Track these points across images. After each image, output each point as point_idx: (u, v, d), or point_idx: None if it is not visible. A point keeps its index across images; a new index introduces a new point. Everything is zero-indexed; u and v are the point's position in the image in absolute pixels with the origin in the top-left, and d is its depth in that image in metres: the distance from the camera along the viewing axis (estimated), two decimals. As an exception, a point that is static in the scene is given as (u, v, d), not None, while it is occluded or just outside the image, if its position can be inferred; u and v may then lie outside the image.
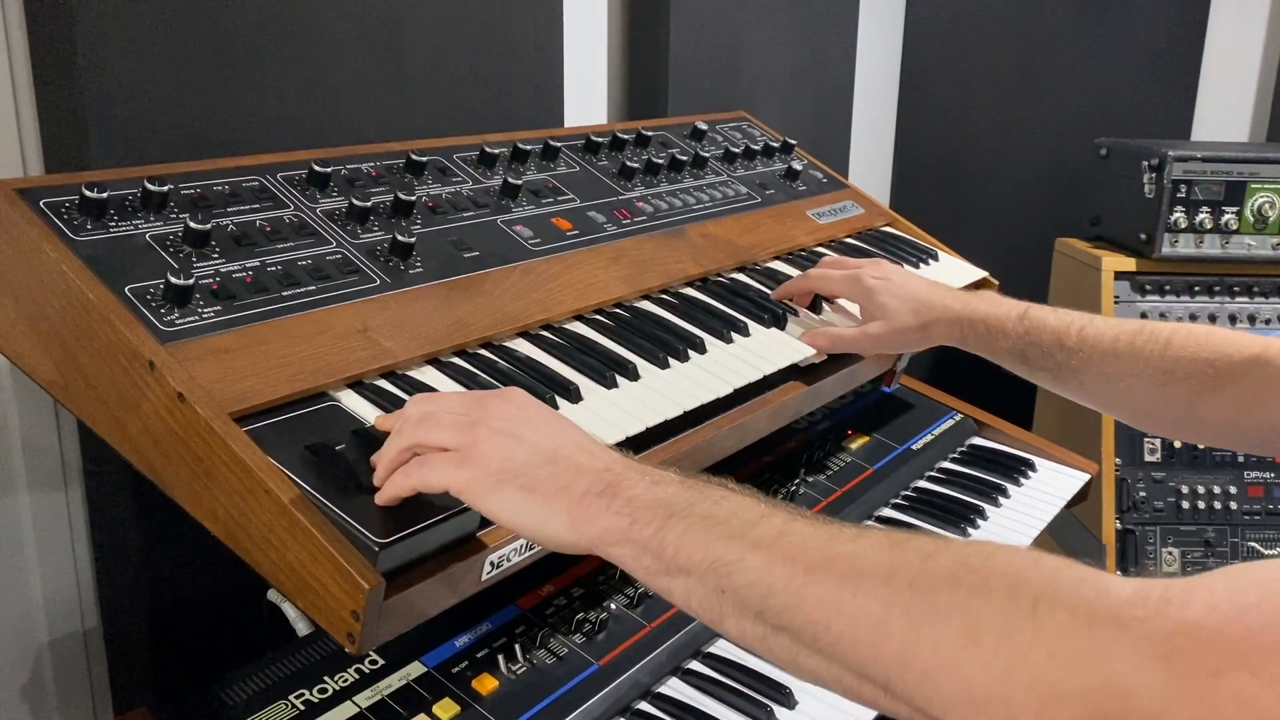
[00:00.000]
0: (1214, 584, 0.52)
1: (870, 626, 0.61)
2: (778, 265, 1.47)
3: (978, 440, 1.68)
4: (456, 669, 1.00)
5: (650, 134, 1.53)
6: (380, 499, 0.79)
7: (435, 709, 0.96)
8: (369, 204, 1.08)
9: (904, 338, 1.27)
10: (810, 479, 1.43)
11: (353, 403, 0.91)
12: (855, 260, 1.37)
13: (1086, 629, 0.53)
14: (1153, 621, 0.51)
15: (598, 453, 0.78)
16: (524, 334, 1.10)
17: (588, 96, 1.86)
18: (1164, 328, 1.10)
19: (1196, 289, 2.21)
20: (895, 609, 0.60)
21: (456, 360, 1.02)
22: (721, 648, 1.11)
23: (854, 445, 1.54)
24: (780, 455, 1.47)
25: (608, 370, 1.06)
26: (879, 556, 0.63)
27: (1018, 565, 0.58)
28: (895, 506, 1.46)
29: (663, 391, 1.07)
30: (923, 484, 1.53)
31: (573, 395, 1.01)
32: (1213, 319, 2.21)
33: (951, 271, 1.64)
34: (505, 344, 1.07)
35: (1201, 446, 2.17)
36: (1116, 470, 2.16)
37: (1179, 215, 2.14)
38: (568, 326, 1.15)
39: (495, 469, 0.76)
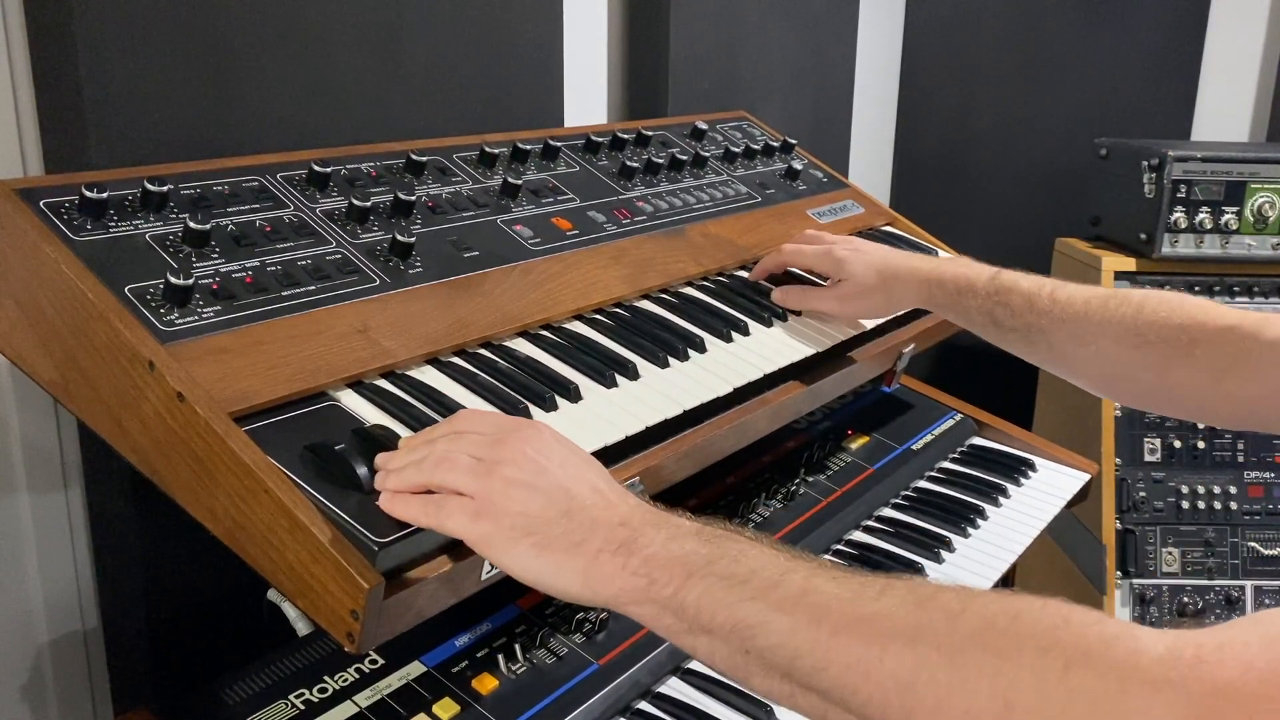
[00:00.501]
0: (1247, 638, 0.51)
1: (899, 691, 0.60)
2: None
3: (978, 440, 1.68)
4: (456, 669, 1.00)
5: (650, 134, 1.53)
6: (386, 508, 0.79)
7: (435, 709, 0.96)
8: (369, 204, 1.08)
9: (871, 299, 1.29)
10: (810, 479, 1.43)
11: (352, 402, 0.91)
12: (830, 235, 1.38)
13: (1121, 693, 0.52)
14: (1187, 685, 0.50)
15: (615, 501, 0.77)
16: (524, 334, 1.10)
17: (588, 96, 1.86)
18: (1136, 293, 1.09)
19: (1196, 289, 2.21)
20: (923, 673, 0.59)
21: (456, 360, 1.02)
22: (721, 647, 1.11)
23: (854, 445, 1.54)
24: (780, 455, 1.47)
25: (608, 370, 1.06)
26: (904, 616, 0.62)
27: (1046, 625, 0.57)
28: (895, 506, 1.47)
29: (663, 391, 1.07)
30: (923, 484, 1.53)
31: (573, 395, 1.01)
32: (1213, 319, 2.20)
33: (951, 271, 1.64)
34: (505, 344, 1.07)
35: (1201, 445, 2.17)
36: (1116, 470, 2.16)
37: (1179, 215, 2.14)
38: (568, 326, 1.15)
39: (509, 525, 0.75)
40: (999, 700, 0.56)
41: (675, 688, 1.07)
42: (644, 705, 1.04)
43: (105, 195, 0.92)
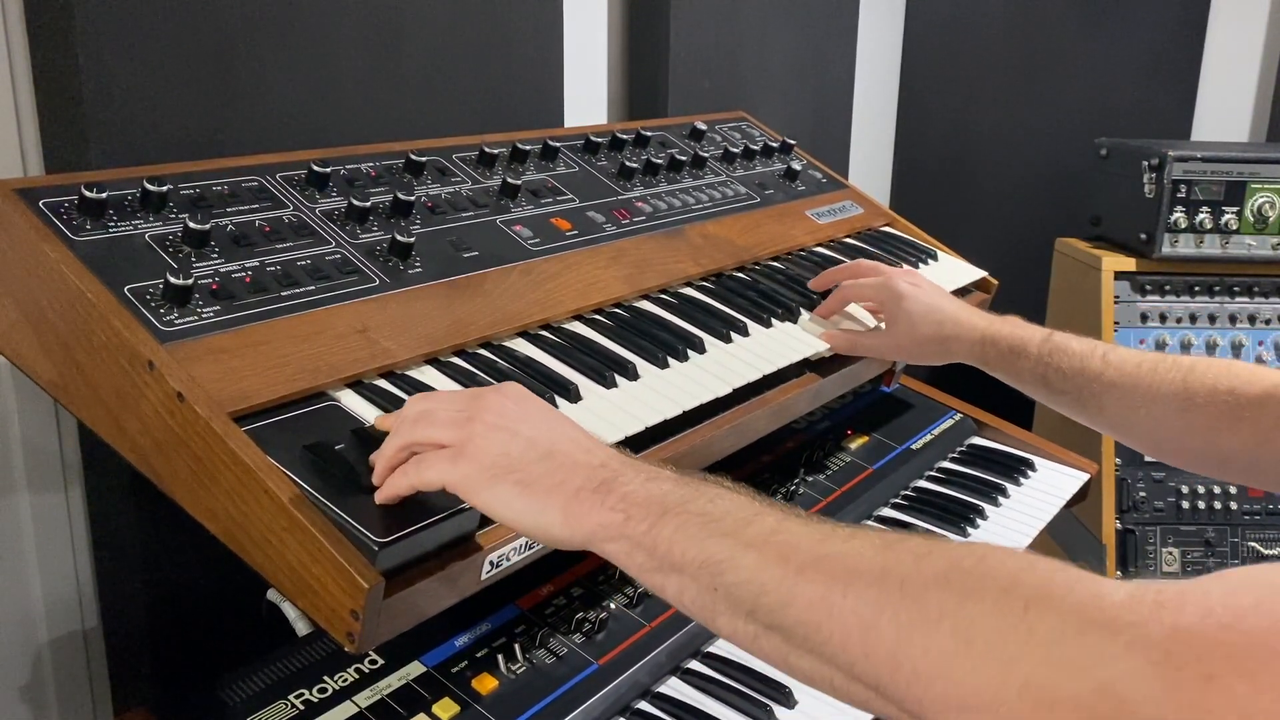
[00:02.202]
0: (1209, 588, 0.51)
1: (861, 627, 0.60)
2: (777, 265, 1.47)
3: (977, 440, 1.68)
4: (456, 669, 1.00)
5: (650, 134, 1.53)
6: (379, 498, 0.79)
7: (435, 709, 0.96)
8: (368, 204, 1.08)
9: (924, 349, 1.28)
10: (810, 479, 1.43)
11: (352, 402, 0.91)
12: (885, 267, 1.38)
13: (1079, 634, 0.52)
14: (1147, 626, 0.51)
15: (594, 448, 0.78)
16: (523, 334, 1.10)
17: (588, 96, 1.86)
18: (1186, 358, 1.10)
19: (1196, 289, 2.21)
20: (886, 610, 0.60)
21: (456, 360, 1.02)
22: (721, 647, 1.11)
23: (853, 445, 1.54)
24: (780, 455, 1.47)
25: (607, 370, 1.06)
26: (872, 557, 0.63)
27: (1011, 568, 0.58)
28: (895, 506, 1.46)
29: (662, 391, 1.07)
30: (922, 484, 1.53)
31: (572, 395, 1.01)
32: (1212, 319, 2.21)
33: (951, 271, 1.64)
34: (505, 344, 1.07)
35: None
36: (1116, 470, 2.16)
37: (1179, 215, 2.14)
38: (567, 326, 1.15)
39: (490, 464, 0.76)
40: (959, 638, 0.56)
41: (675, 688, 1.07)
42: (644, 705, 1.04)
43: (105, 195, 0.92)
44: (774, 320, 1.29)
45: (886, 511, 1.45)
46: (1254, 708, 0.46)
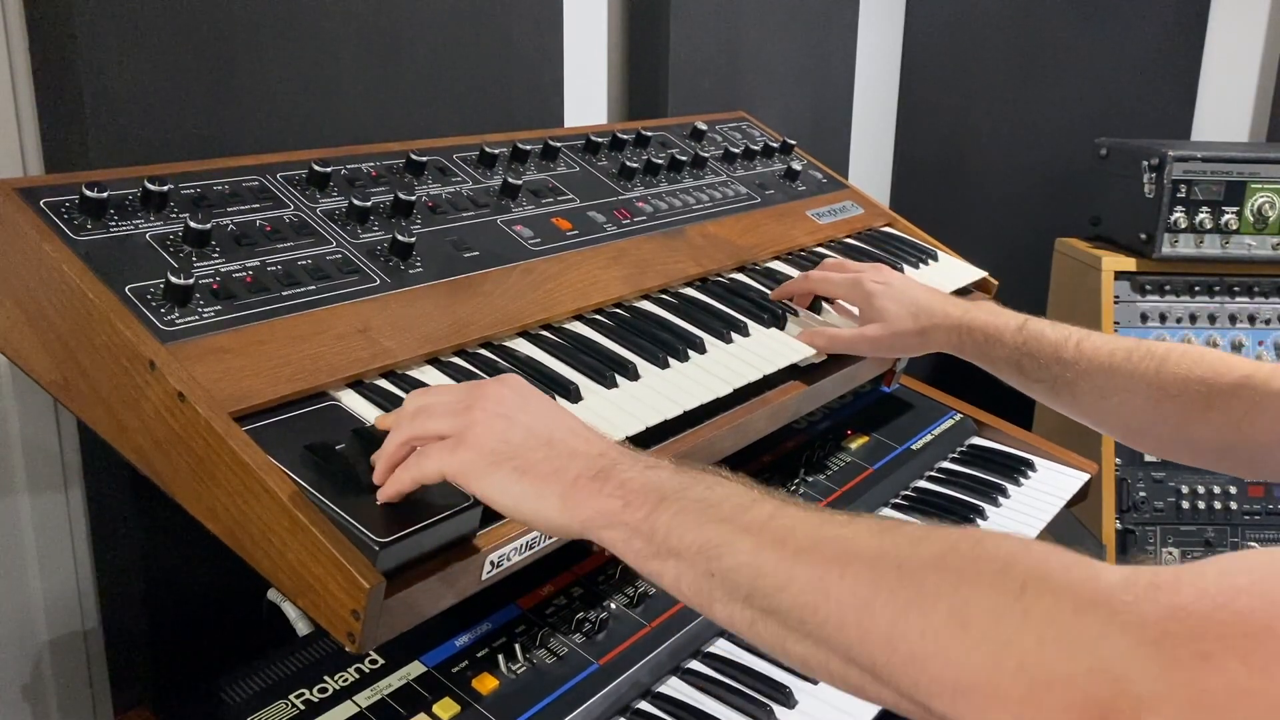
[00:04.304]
0: (1204, 569, 0.52)
1: (857, 608, 0.60)
2: (777, 265, 1.48)
3: (977, 440, 1.68)
4: (456, 668, 1.00)
5: (650, 134, 1.53)
6: (382, 496, 0.79)
7: (435, 709, 0.96)
8: (369, 204, 1.08)
9: (901, 341, 1.28)
10: (810, 479, 1.43)
11: (353, 402, 0.91)
12: (856, 264, 1.37)
13: (1075, 614, 0.52)
14: (1142, 606, 0.51)
15: (592, 438, 0.78)
16: (524, 334, 1.10)
17: (588, 96, 1.86)
18: (1160, 346, 1.10)
19: (1196, 289, 2.21)
20: (882, 591, 0.60)
21: (456, 360, 1.02)
22: (721, 647, 1.11)
23: (854, 445, 1.54)
24: (780, 455, 1.47)
25: (608, 370, 1.06)
26: (868, 540, 0.63)
27: (1007, 550, 0.58)
28: (895, 506, 1.47)
29: (662, 391, 1.07)
30: (922, 484, 1.53)
31: (572, 395, 1.01)
32: (1212, 319, 2.21)
33: (951, 272, 1.64)
34: (505, 344, 1.07)
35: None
36: (1116, 470, 2.16)
37: (1179, 215, 2.14)
38: (568, 326, 1.15)
39: (489, 450, 0.76)
40: (955, 619, 0.56)
41: (675, 688, 1.07)
42: (644, 705, 1.04)
43: (105, 195, 0.92)
44: (774, 320, 1.29)
45: (887, 511, 1.45)
46: (1250, 685, 0.47)
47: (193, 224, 0.94)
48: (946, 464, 1.59)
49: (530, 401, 0.80)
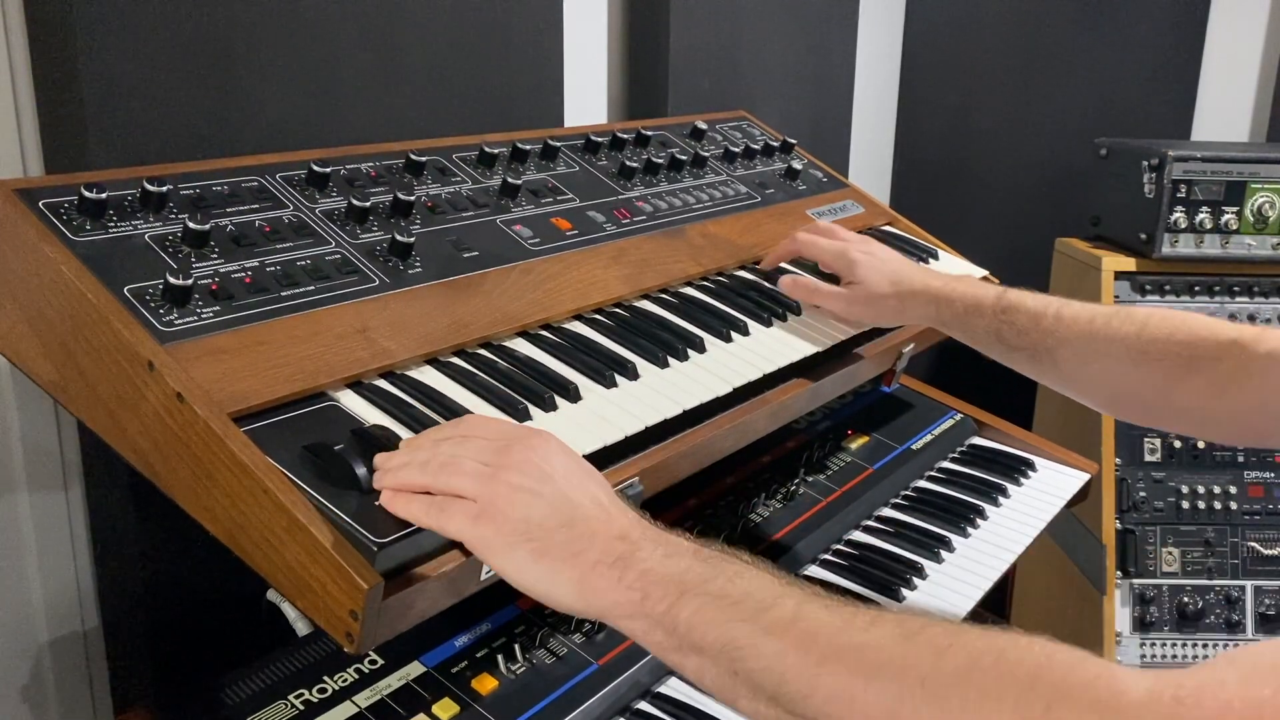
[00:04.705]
0: (1225, 677, 0.52)
1: None
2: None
3: (978, 440, 1.68)
4: (456, 669, 1.00)
5: (650, 134, 1.53)
6: (386, 507, 0.79)
7: (435, 709, 0.96)
8: (368, 204, 1.08)
9: (878, 307, 1.28)
10: (810, 479, 1.43)
11: (352, 403, 0.91)
12: (846, 232, 1.38)
13: None
14: None
15: (615, 515, 0.78)
16: (523, 334, 1.10)
17: (588, 96, 1.86)
18: (1139, 311, 1.10)
19: (1196, 289, 2.21)
20: (906, 706, 0.60)
21: (456, 360, 1.02)
22: (721, 647, 1.11)
23: (854, 445, 1.54)
24: (780, 455, 1.47)
25: (607, 370, 1.06)
26: (892, 648, 0.63)
27: (1030, 664, 0.58)
28: (895, 506, 1.47)
29: (662, 391, 1.07)
30: (922, 484, 1.53)
31: (572, 395, 1.01)
32: (1213, 319, 2.20)
33: (952, 270, 1.64)
34: (505, 344, 1.07)
35: (1201, 445, 2.17)
36: (1116, 470, 2.16)
37: (1179, 215, 2.14)
38: (567, 326, 1.15)
39: (510, 530, 0.76)
40: None
41: (675, 688, 1.07)
42: (644, 705, 1.04)
43: (105, 195, 0.92)
44: (775, 320, 1.29)
45: (887, 511, 1.45)
46: None
47: (191, 224, 0.94)
48: (947, 464, 1.59)
49: (557, 468, 0.79)
